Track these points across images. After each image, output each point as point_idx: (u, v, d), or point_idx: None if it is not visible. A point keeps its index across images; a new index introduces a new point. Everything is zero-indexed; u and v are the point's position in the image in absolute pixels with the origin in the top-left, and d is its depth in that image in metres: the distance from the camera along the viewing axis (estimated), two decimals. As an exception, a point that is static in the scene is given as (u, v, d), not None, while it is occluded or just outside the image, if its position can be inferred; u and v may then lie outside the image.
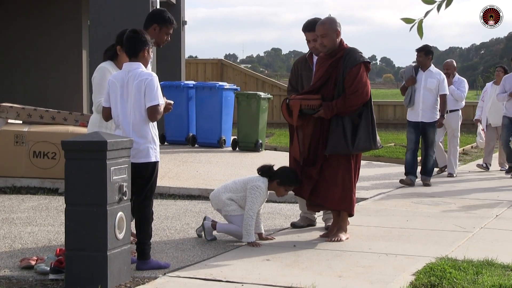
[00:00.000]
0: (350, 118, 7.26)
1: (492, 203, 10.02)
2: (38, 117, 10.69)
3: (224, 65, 25.36)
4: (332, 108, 7.20)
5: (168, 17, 7.09)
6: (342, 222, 7.45)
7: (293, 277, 5.85)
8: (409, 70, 11.77)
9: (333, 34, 7.33)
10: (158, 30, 6.98)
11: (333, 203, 7.40)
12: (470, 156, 18.21)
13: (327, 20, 7.43)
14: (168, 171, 11.57)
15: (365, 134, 7.28)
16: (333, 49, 7.37)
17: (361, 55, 7.38)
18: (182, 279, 5.81)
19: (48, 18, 17.83)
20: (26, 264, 6.08)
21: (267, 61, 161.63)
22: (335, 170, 7.31)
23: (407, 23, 4.31)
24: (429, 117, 11.57)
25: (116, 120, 6.20)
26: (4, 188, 10.31)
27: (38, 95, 17.07)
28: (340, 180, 7.32)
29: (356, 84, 7.22)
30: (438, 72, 11.74)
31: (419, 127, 11.62)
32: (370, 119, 7.33)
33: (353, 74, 7.24)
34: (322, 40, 7.35)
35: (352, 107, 7.23)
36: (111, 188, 5.53)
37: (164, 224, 8.14)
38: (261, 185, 7.20)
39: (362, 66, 7.30)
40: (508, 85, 13.15)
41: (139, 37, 6.23)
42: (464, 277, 5.85)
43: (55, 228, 7.80)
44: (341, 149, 7.23)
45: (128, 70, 6.17)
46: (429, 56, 11.68)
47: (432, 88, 11.55)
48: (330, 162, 7.32)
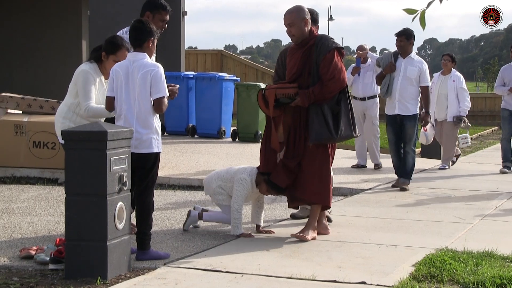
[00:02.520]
0: (329, 106, 7.04)
1: (492, 195, 10.02)
2: (38, 107, 10.68)
3: (224, 56, 25.32)
4: (309, 96, 6.98)
5: (160, 3, 7.02)
6: (312, 218, 7.12)
7: (293, 267, 5.85)
8: (387, 56, 10.71)
9: (301, 23, 7.09)
10: (151, 17, 6.96)
11: (311, 195, 7.09)
12: (470, 148, 18.20)
13: (294, 9, 7.17)
14: (168, 162, 11.56)
15: (347, 121, 7.09)
16: (303, 38, 7.14)
17: (333, 41, 7.15)
18: (182, 269, 5.81)
19: (48, 9, 17.81)
20: (25, 254, 6.08)
21: (267, 52, 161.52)
22: (312, 161, 7.05)
23: (409, 13, 4.28)
24: (406, 110, 10.36)
25: (118, 109, 6.19)
26: (4, 178, 10.31)
27: (38, 85, 17.04)
28: (317, 171, 7.05)
29: (333, 70, 7.00)
30: (420, 60, 10.55)
31: (397, 122, 10.43)
32: (348, 105, 7.16)
33: (328, 60, 7.02)
34: (290, 29, 7.13)
35: (330, 94, 7.02)
36: (111, 178, 5.53)
37: (164, 214, 8.14)
38: (247, 178, 7.11)
39: (336, 52, 7.08)
40: (508, 77, 12.75)
41: (144, 27, 6.22)
42: (464, 269, 5.86)
43: (55, 218, 7.80)
44: (325, 138, 6.99)
45: (133, 60, 6.16)
46: (411, 40, 10.47)
47: (412, 78, 10.38)
48: (307, 153, 7.07)
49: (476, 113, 28.63)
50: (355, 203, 9.23)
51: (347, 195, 9.87)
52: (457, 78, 12.77)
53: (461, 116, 12.68)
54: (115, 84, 6.19)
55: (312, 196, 7.09)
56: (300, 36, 7.14)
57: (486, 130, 23.79)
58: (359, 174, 11.77)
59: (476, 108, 28.78)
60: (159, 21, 7.01)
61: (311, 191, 7.06)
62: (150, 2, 7.11)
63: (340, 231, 7.38)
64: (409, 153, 10.37)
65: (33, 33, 17.74)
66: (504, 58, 17.99)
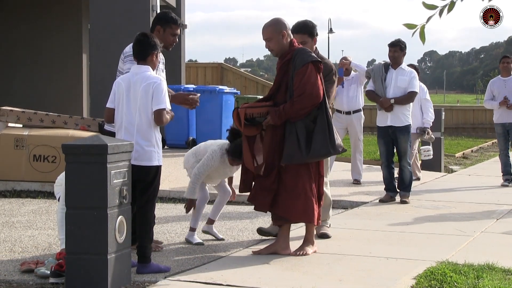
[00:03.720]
0: (304, 123, 6.72)
1: (492, 207, 10.01)
2: (38, 121, 10.69)
3: (224, 69, 25.36)
4: (279, 113, 6.68)
5: (171, 16, 6.97)
6: (309, 234, 6.92)
7: (293, 281, 5.85)
8: (378, 68, 10.58)
9: (278, 37, 6.84)
10: (162, 32, 6.92)
11: (296, 215, 6.81)
12: (470, 160, 18.21)
13: (271, 23, 6.93)
14: (168, 175, 11.55)
15: (321, 139, 6.71)
16: (282, 51, 6.89)
17: (310, 54, 6.86)
18: (182, 283, 5.80)
19: (49, 22, 17.86)
20: (26, 268, 6.07)
21: (267, 65, 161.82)
22: (294, 180, 6.74)
23: (409, 28, 4.29)
24: (398, 121, 10.27)
25: (119, 121, 6.19)
26: (4, 191, 10.31)
27: (38, 98, 17.06)
28: (301, 191, 6.73)
29: (303, 85, 6.68)
30: (410, 70, 10.45)
31: (389, 134, 10.34)
32: (326, 122, 6.76)
33: (300, 75, 6.70)
34: (268, 44, 6.91)
35: (302, 111, 6.68)
36: (112, 191, 5.53)
37: (165, 227, 8.13)
38: (216, 150, 7.20)
39: (311, 66, 6.74)
40: (497, 90, 12.63)
41: (148, 41, 6.24)
42: (464, 281, 5.85)
43: (55, 231, 7.79)
44: (296, 158, 6.67)
45: (136, 72, 6.18)
46: (404, 51, 10.43)
47: (403, 88, 10.29)
48: (289, 171, 6.75)
49: (476, 125, 28.68)
50: (355, 215, 9.23)
51: (348, 207, 9.87)
52: (421, 89, 12.25)
53: (425, 128, 12.45)
54: (116, 96, 6.21)
55: (296, 215, 6.82)
56: (279, 50, 6.91)
57: (487, 143, 23.79)
58: (360, 187, 11.76)
59: (476, 120, 28.84)
60: (170, 35, 6.95)
61: (294, 210, 6.77)
62: (160, 16, 7.06)
63: (341, 244, 7.37)
64: (405, 167, 10.29)
65: (34, 46, 17.78)
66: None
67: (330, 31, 66.30)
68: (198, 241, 7.29)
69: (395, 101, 10.27)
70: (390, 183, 10.38)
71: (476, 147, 21.74)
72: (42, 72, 17.75)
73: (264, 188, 6.81)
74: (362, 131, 12.17)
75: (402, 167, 10.33)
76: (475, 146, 21.83)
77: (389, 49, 10.46)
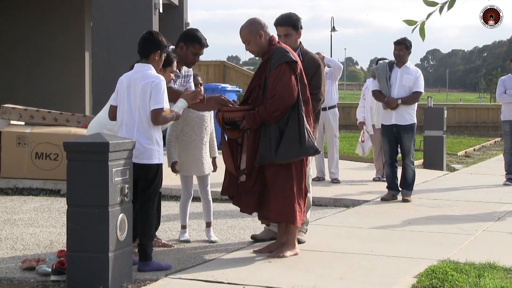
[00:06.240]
0: (278, 125, 6.58)
1: (494, 206, 10.01)
2: (41, 118, 10.70)
3: (226, 67, 25.36)
4: (254, 117, 6.58)
5: (196, 35, 6.91)
6: (290, 235, 6.74)
7: (294, 279, 5.85)
8: (382, 67, 10.56)
9: (255, 38, 6.71)
10: (185, 49, 6.90)
11: (275, 214, 6.71)
12: (472, 159, 18.20)
13: (246, 24, 6.80)
14: (170, 173, 11.54)
15: (290, 140, 6.54)
16: (262, 51, 6.79)
17: (286, 54, 6.65)
18: (183, 281, 5.81)
19: (51, 20, 17.86)
20: (27, 265, 6.08)
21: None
22: (273, 180, 6.64)
23: (409, 25, 4.30)
24: (403, 119, 10.26)
25: (120, 119, 6.20)
26: (6, 189, 10.32)
27: (40, 96, 17.08)
28: (280, 190, 6.62)
29: (274, 87, 6.54)
30: (416, 69, 10.51)
31: (393, 133, 10.33)
32: (297, 123, 6.58)
33: (273, 76, 6.57)
34: (247, 47, 6.79)
35: (275, 113, 6.53)
36: (113, 189, 5.54)
37: (166, 225, 8.14)
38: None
39: (284, 66, 6.58)
40: (509, 86, 12.62)
41: (152, 39, 6.22)
42: (466, 280, 5.85)
43: (57, 229, 7.80)
44: (267, 159, 6.58)
45: (137, 70, 6.18)
46: (410, 50, 10.42)
47: (408, 86, 10.28)
48: (269, 171, 6.66)
49: (478, 124, 28.66)
50: (357, 214, 9.23)
51: (349, 206, 9.87)
52: None
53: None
54: (119, 94, 6.22)
55: (277, 215, 6.71)
56: (259, 51, 6.80)
57: (489, 141, 23.78)
58: (361, 185, 11.76)
59: (479, 119, 28.82)
60: (192, 54, 6.92)
61: (275, 210, 6.66)
62: (187, 34, 7.01)
63: (342, 242, 7.37)
64: (408, 165, 10.28)
65: (36, 44, 17.79)
66: (507, 69, 18.06)
67: (332, 29, 66.22)
68: (185, 238, 7.32)
69: (401, 101, 10.27)
70: (392, 181, 10.36)
71: (479, 146, 21.73)
72: (44, 70, 17.76)
73: (247, 191, 6.76)
74: (338, 128, 12.11)
75: (405, 166, 10.32)
76: (478, 145, 21.82)
77: (394, 47, 10.45)
